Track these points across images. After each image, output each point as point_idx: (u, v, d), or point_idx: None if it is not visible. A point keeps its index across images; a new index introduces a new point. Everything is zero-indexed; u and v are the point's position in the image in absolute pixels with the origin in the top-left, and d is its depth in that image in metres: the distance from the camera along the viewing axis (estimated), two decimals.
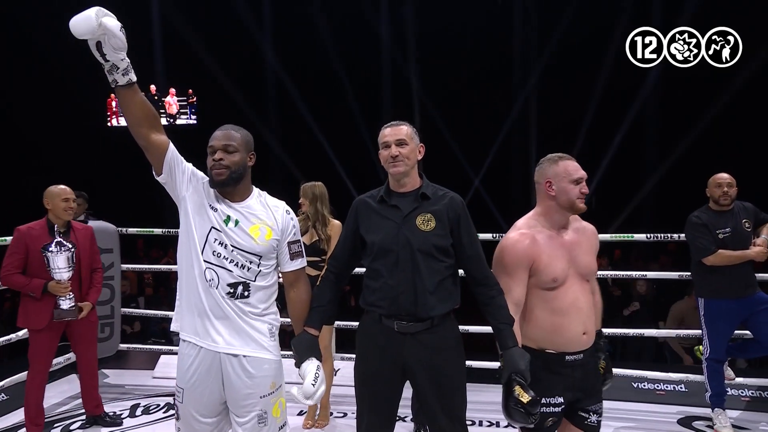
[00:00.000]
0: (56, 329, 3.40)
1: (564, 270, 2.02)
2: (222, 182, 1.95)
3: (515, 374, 1.92)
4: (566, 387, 2.03)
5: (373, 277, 2.10)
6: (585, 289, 2.07)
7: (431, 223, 2.06)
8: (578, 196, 2.05)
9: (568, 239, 2.09)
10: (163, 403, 4.08)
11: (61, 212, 3.38)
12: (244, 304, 1.96)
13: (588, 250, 2.12)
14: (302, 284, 2.12)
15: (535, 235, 2.05)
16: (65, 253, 3.25)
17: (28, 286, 3.29)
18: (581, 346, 2.05)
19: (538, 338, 2.05)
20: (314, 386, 1.96)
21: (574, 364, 2.04)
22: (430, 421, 2.10)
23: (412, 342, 2.05)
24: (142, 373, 4.80)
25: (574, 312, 2.02)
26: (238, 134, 2.01)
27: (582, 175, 2.07)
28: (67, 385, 4.31)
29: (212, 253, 1.94)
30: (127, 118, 1.91)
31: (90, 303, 3.51)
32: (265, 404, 1.98)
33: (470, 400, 2.16)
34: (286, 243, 2.05)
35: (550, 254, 2.02)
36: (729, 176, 3.54)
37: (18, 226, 3.37)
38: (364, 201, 2.20)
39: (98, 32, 1.71)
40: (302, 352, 2.04)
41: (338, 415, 3.89)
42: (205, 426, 1.99)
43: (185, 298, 2.00)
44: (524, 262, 2.02)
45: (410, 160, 2.09)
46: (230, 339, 1.94)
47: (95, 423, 3.69)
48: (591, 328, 2.07)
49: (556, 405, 2.03)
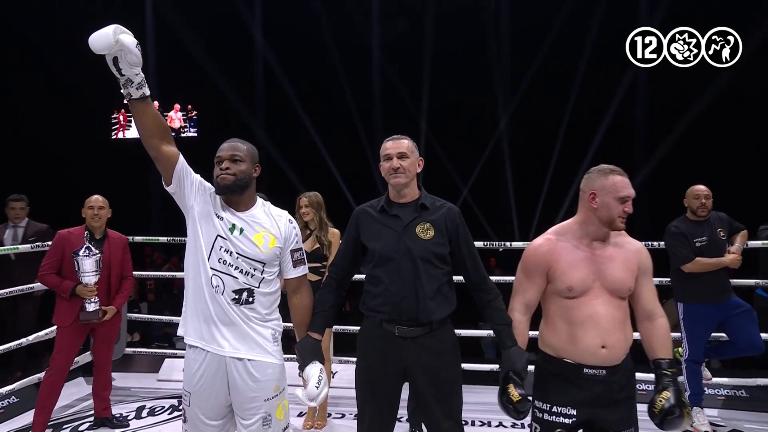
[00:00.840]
0: (82, 329, 3.45)
1: (582, 280, 1.92)
2: (227, 187, 1.97)
3: (512, 372, 1.94)
4: (582, 401, 1.90)
5: (374, 283, 2.12)
6: (611, 304, 1.92)
7: (430, 232, 2.09)
8: (620, 215, 1.92)
9: (600, 252, 1.96)
10: (168, 405, 4.07)
11: (88, 220, 3.50)
12: (248, 310, 1.97)
13: (623, 266, 1.94)
14: (304, 290, 2.14)
15: (558, 242, 1.99)
16: (92, 257, 3.30)
17: (59, 286, 3.38)
18: (601, 360, 1.90)
19: (557, 346, 1.96)
20: (318, 388, 1.97)
21: (593, 379, 1.89)
22: (429, 421, 2.11)
23: (413, 346, 2.06)
24: (146, 376, 4.79)
25: (591, 324, 1.90)
26: (245, 146, 2.05)
27: (629, 194, 1.93)
28: (75, 387, 4.29)
29: (218, 260, 1.96)
30: (140, 130, 1.93)
31: (115, 307, 3.55)
32: (269, 407, 1.98)
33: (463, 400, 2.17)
34: (289, 251, 2.06)
35: (570, 263, 1.94)
36: (706, 188, 3.62)
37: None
38: (365, 210, 2.21)
39: (115, 48, 1.74)
40: (306, 355, 2.05)
41: (336, 416, 3.89)
42: (211, 428, 1.99)
43: (191, 303, 2.01)
44: (541, 266, 1.98)
45: (410, 172, 2.12)
46: (236, 344, 1.95)
47: (102, 425, 3.67)
48: (614, 343, 1.90)
49: (567, 416, 1.91)
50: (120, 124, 10.87)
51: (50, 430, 3.56)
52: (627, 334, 1.95)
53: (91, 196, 3.54)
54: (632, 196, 1.93)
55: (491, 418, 3.79)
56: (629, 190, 1.93)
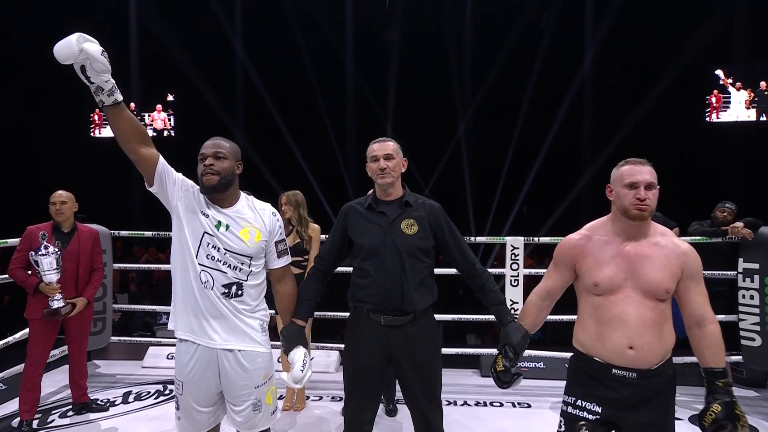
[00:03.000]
0: (53, 322, 3.24)
1: (610, 278, 1.72)
2: (213, 187, 1.87)
3: (508, 346, 1.90)
4: (607, 401, 1.70)
5: (362, 275, 2.07)
6: (643, 305, 1.68)
7: (414, 227, 2.05)
8: (632, 202, 1.69)
9: (634, 250, 1.73)
10: (153, 390, 3.91)
11: (53, 215, 3.31)
12: (238, 303, 1.89)
13: (661, 267, 1.69)
14: (288, 279, 2.07)
15: (591, 237, 1.80)
16: (51, 256, 3.08)
17: (25, 282, 3.18)
18: (629, 362, 1.68)
19: (587, 344, 1.78)
20: (302, 372, 1.93)
21: (622, 381, 1.69)
22: (411, 401, 2.09)
23: (397, 333, 2.04)
24: (130, 363, 4.60)
25: (618, 323, 1.69)
26: (227, 144, 1.95)
27: (635, 180, 1.70)
28: (62, 374, 4.06)
29: (206, 256, 1.87)
30: (117, 135, 1.80)
31: (85, 298, 3.36)
32: (259, 393, 1.92)
33: (444, 382, 2.15)
34: (274, 242, 1.98)
35: (598, 258, 1.75)
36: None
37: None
38: (352, 207, 2.16)
39: (80, 57, 1.60)
40: (291, 341, 1.99)
41: (314, 398, 3.81)
42: (203, 414, 1.92)
43: (180, 299, 1.91)
44: (567, 259, 1.83)
45: (396, 172, 2.08)
46: (226, 336, 1.87)
47: (84, 408, 3.51)
48: (643, 345, 1.67)
49: (591, 412, 1.72)
50: (95, 123, 10.45)
51: (39, 415, 3.37)
52: (663, 338, 1.69)
53: (55, 192, 3.33)
54: (641, 181, 1.69)
55: (469, 398, 3.80)
56: (637, 176, 1.70)
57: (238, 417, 1.91)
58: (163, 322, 6.31)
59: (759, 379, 4.17)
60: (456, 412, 3.55)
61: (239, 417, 1.91)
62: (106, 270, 4.26)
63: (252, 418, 1.92)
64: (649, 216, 1.72)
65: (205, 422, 1.93)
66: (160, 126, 10.31)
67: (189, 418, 1.92)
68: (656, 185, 1.72)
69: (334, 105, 9.78)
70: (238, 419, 1.92)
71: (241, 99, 10.13)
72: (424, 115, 9.78)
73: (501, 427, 3.34)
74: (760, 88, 8.75)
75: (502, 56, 9.11)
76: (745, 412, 1.61)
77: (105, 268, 4.22)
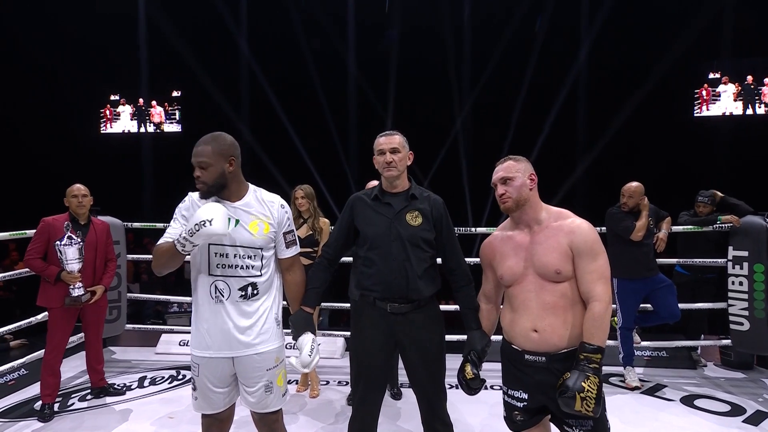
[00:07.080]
0: (72, 310, 3.27)
1: (510, 268, 1.76)
2: (203, 196, 1.89)
3: (472, 353, 1.92)
4: (527, 386, 1.73)
5: (368, 264, 2.06)
6: (543, 288, 1.69)
7: (419, 219, 2.05)
8: (499, 200, 1.81)
9: (528, 238, 1.76)
10: (167, 375, 3.90)
11: (74, 208, 3.32)
12: (254, 301, 1.90)
13: (550, 249, 1.69)
14: (297, 268, 2.06)
15: (498, 235, 1.88)
16: (75, 246, 3.11)
17: (45, 271, 3.18)
18: (535, 345, 1.69)
19: (506, 332, 1.83)
20: (311, 356, 1.93)
21: (534, 365, 1.70)
22: (416, 386, 2.09)
23: (403, 321, 2.04)
24: (144, 349, 4.64)
25: (523, 309, 1.72)
26: (209, 147, 1.85)
27: (493, 181, 1.82)
28: (79, 360, 4.09)
29: (217, 266, 1.87)
30: (161, 266, 1.86)
31: (103, 286, 3.40)
32: (270, 376, 1.94)
33: (447, 367, 2.16)
34: (282, 233, 1.98)
35: (502, 253, 1.81)
36: (637, 184, 3.68)
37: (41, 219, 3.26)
38: (360, 198, 2.15)
39: (221, 236, 1.77)
40: (299, 327, 2.00)
41: (321, 383, 3.82)
42: (219, 394, 1.94)
43: (200, 312, 1.91)
44: (486, 260, 1.90)
45: (401, 165, 2.08)
46: (243, 338, 1.88)
47: (102, 392, 3.55)
48: (545, 327, 1.68)
49: (519, 399, 1.76)
50: (107, 118, 10.39)
51: (59, 398, 3.40)
52: (566, 320, 1.66)
53: (73, 185, 3.34)
54: (496, 180, 1.79)
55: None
56: (494, 177, 1.81)
57: (251, 398, 1.93)
58: (173, 311, 6.34)
59: (747, 362, 4.21)
60: (459, 395, 3.55)
61: (252, 398, 1.93)
62: (121, 260, 4.28)
63: (264, 398, 1.93)
64: (513, 206, 1.77)
65: (220, 402, 1.95)
66: (157, 120, 10.26)
67: (205, 398, 1.94)
68: (512, 176, 1.77)
69: (335, 100, 9.74)
70: (251, 399, 1.94)
71: (246, 95, 10.08)
72: (423, 110, 9.74)
73: (500, 410, 3.36)
74: (746, 82, 8.81)
75: (497, 53, 9.08)
76: (604, 392, 1.60)
77: (119, 258, 4.26)
